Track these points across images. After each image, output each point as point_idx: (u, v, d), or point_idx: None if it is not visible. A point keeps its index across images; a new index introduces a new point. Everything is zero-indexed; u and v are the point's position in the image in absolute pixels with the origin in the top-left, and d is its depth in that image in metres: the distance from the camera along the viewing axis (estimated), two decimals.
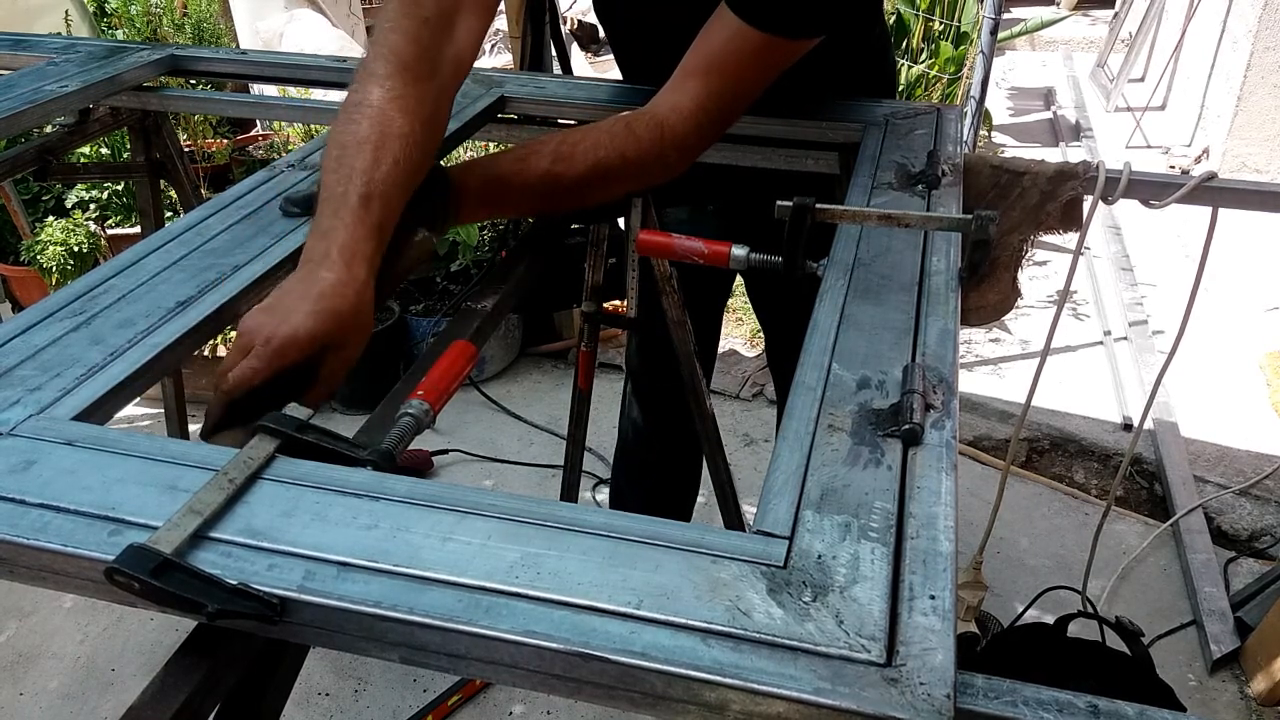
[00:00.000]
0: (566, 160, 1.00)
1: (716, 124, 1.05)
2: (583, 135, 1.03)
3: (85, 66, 1.47)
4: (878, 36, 1.42)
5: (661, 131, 1.02)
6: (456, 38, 0.96)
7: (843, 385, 0.73)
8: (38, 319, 0.80)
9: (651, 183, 1.09)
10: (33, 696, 2.01)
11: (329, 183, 0.83)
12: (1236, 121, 4.06)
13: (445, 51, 0.95)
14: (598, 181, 1.02)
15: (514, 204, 1.03)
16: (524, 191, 1.01)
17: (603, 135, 1.02)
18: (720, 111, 1.04)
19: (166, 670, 0.60)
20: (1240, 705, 1.92)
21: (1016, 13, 5.52)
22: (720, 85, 1.02)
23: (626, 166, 1.02)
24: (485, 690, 1.98)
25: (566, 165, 1.00)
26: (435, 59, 0.94)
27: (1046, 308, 3.32)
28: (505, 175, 1.00)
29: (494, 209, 1.03)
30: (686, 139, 1.03)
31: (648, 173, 1.05)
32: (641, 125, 1.02)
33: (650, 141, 1.02)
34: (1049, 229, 1.21)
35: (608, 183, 1.04)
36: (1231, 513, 2.38)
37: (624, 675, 0.51)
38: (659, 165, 1.04)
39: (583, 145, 1.01)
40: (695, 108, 1.02)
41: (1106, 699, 0.55)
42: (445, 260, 3.07)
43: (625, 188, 1.08)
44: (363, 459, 0.67)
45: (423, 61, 0.92)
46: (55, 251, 2.73)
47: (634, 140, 1.02)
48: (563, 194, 1.02)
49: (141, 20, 3.10)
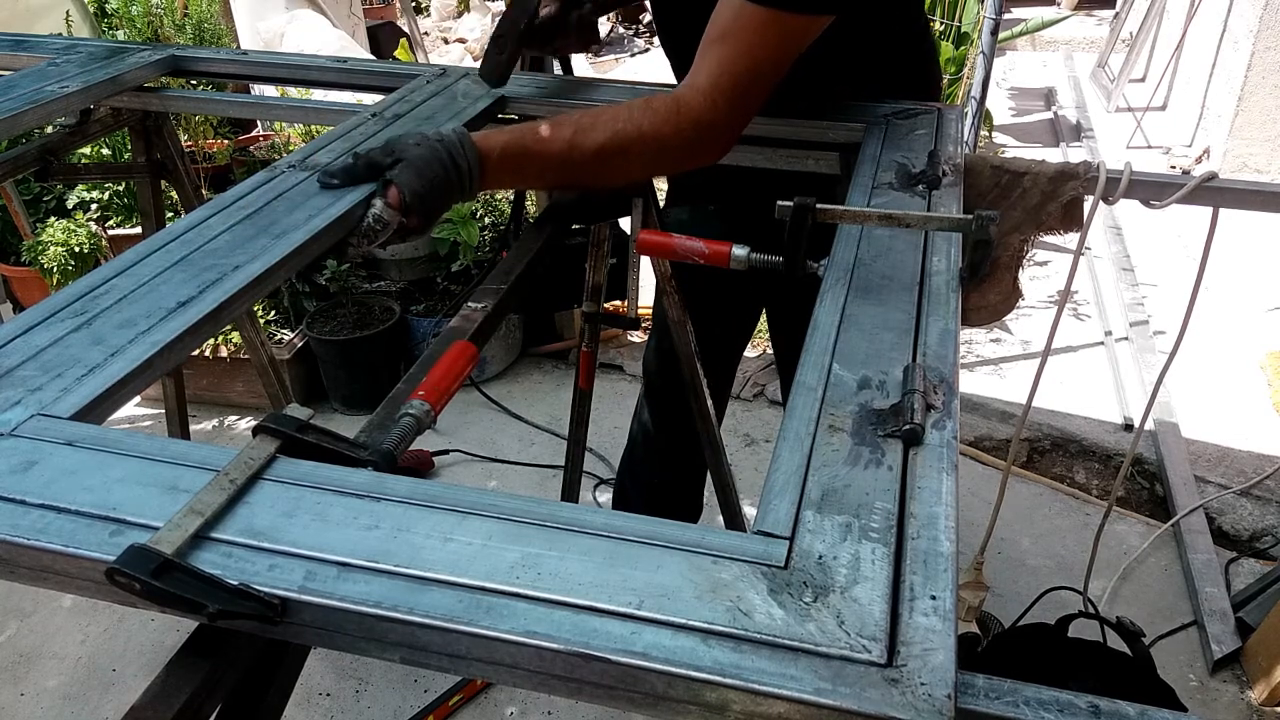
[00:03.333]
0: (587, 132, 1.04)
1: (731, 101, 1.05)
2: (605, 109, 1.06)
3: (86, 67, 1.47)
4: (917, 36, 1.41)
5: (678, 107, 1.04)
6: None
7: (843, 385, 0.73)
8: (39, 319, 0.80)
9: (675, 162, 1.10)
10: (33, 696, 2.01)
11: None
12: (1237, 121, 4.06)
13: None
14: (616, 155, 1.05)
15: (536, 172, 1.07)
16: (545, 160, 1.04)
17: (623, 110, 1.05)
18: (734, 88, 1.04)
19: (168, 670, 0.60)
20: (1241, 706, 1.92)
21: (1017, 13, 5.52)
22: (729, 61, 1.03)
23: (644, 141, 1.04)
24: (486, 690, 1.98)
25: (586, 136, 1.04)
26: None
27: (1047, 308, 3.32)
28: (528, 143, 1.04)
29: (516, 175, 1.07)
30: (702, 115, 1.04)
31: (666, 150, 1.06)
32: (659, 101, 1.05)
33: (666, 116, 1.04)
34: (1050, 229, 1.21)
35: (626, 158, 1.06)
36: (1232, 513, 2.38)
37: (625, 676, 0.51)
38: (677, 141, 1.05)
39: (604, 118, 1.05)
40: (709, 84, 1.04)
41: (1107, 699, 0.55)
42: (446, 260, 3.07)
43: (645, 165, 1.10)
44: (363, 459, 0.67)
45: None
46: (56, 252, 2.73)
47: (651, 114, 1.04)
48: (582, 165, 1.05)
49: (142, 21, 3.10)
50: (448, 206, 1.04)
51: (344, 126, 1.21)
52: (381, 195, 1.00)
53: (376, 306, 2.97)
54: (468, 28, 6.35)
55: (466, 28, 6.36)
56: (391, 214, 1.00)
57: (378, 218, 1.00)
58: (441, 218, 1.08)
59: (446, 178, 0.99)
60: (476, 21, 6.34)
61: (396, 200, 0.99)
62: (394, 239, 1.03)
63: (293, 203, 1.00)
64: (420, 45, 5.00)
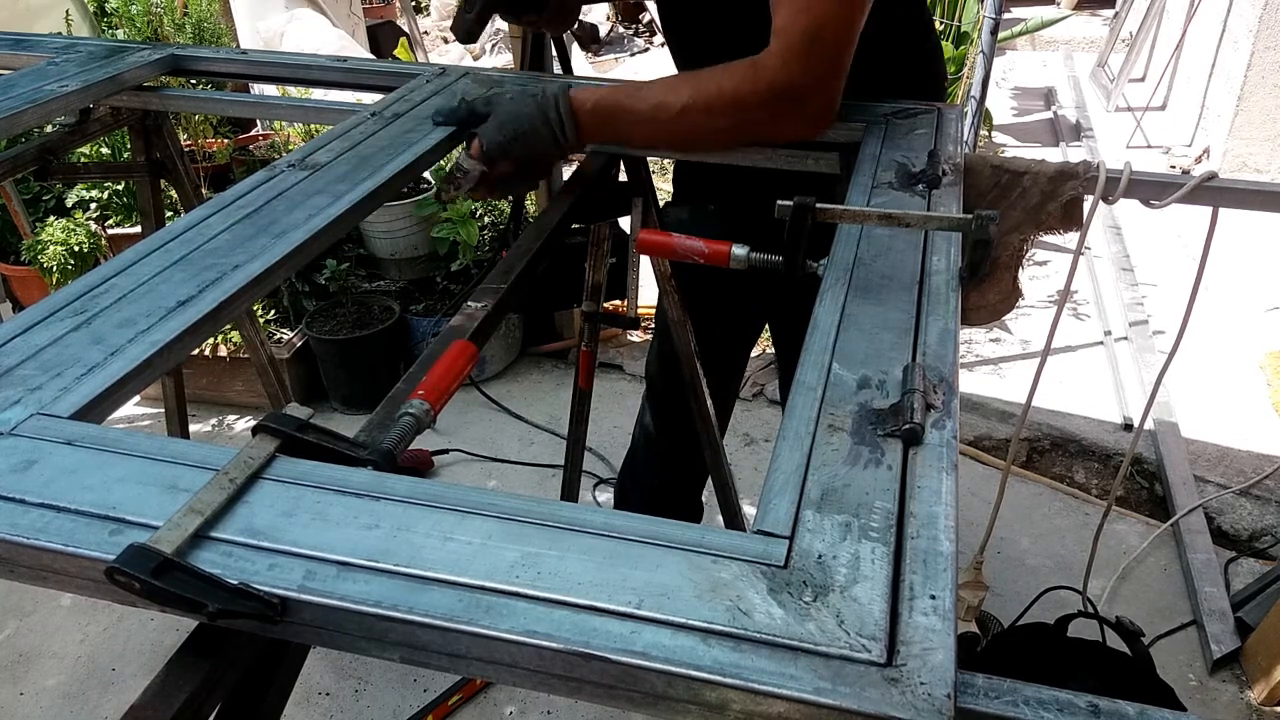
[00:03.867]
0: (674, 90, 1.08)
1: (806, 60, 1.05)
2: (699, 72, 1.08)
3: (86, 66, 1.47)
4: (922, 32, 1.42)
5: (755, 67, 1.06)
6: None
7: (843, 385, 0.73)
8: (38, 319, 0.80)
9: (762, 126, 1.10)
10: (33, 696, 2.01)
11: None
12: (1237, 121, 4.06)
13: None
14: (699, 114, 1.07)
15: (626, 128, 1.11)
16: (635, 116, 1.09)
17: (707, 71, 1.08)
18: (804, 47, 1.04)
19: (167, 670, 0.60)
20: (1240, 705, 1.92)
21: (1017, 12, 5.52)
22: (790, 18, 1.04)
23: (724, 99, 1.06)
24: (485, 690, 1.99)
25: (672, 94, 1.08)
26: None
27: (1047, 308, 3.32)
28: (619, 99, 1.10)
29: (610, 130, 1.11)
30: (777, 77, 1.05)
31: (748, 111, 1.07)
32: (738, 63, 1.07)
33: (744, 76, 1.06)
34: (1049, 229, 1.21)
35: (709, 116, 1.07)
36: (1232, 513, 2.38)
37: (624, 675, 0.51)
38: (756, 102, 1.06)
39: (692, 79, 1.08)
40: (779, 45, 1.05)
41: (1107, 699, 0.55)
42: (445, 260, 3.07)
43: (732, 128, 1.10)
44: (363, 459, 0.67)
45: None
46: (56, 251, 2.73)
47: (729, 75, 1.06)
48: (668, 125, 1.09)
49: (142, 20, 3.09)
50: (539, 156, 1.11)
51: (344, 126, 1.21)
52: (466, 146, 1.11)
53: (376, 306, 2.97)
54: None
55: None
56: (472, 164, 1.10)
57: (459, 166, 1.10)
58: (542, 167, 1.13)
59: (533, 129, 1.08)
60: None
61: (477, 151, 1.09)
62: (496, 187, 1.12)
63: (292, 202, 1.00)
64: (420, 44, 5.00)
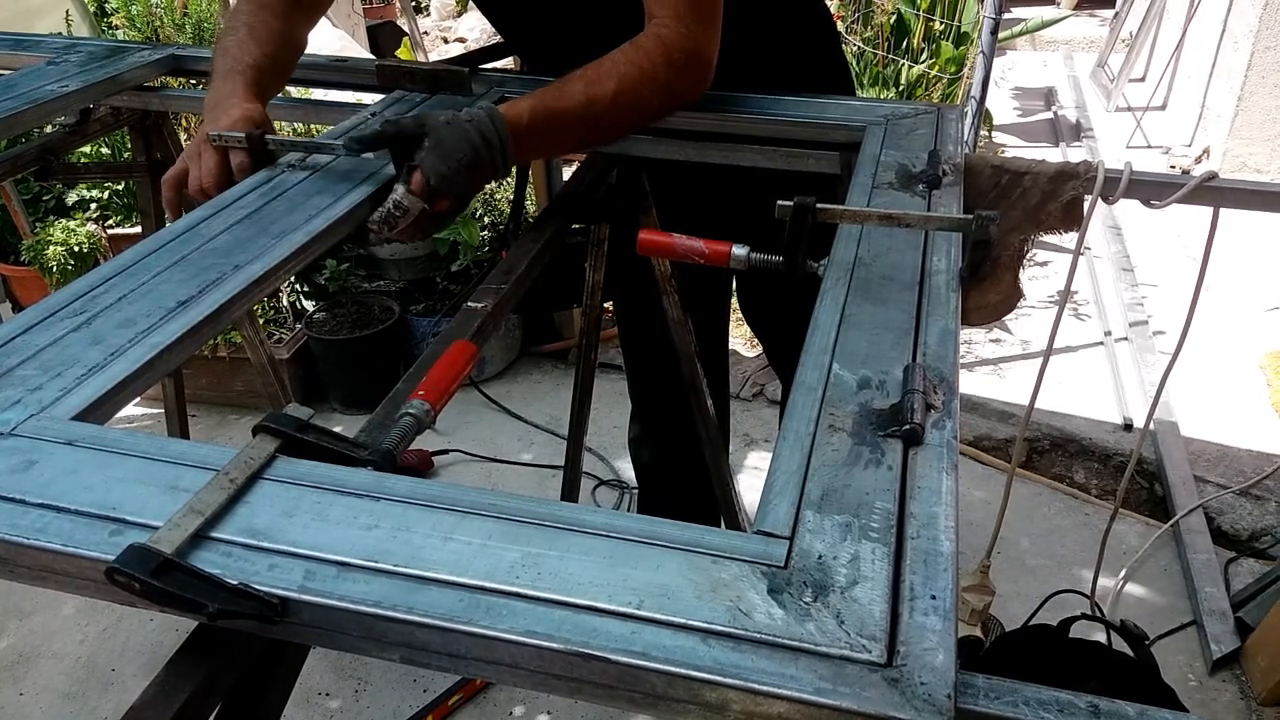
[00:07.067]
0: (596, 83, 1.07)
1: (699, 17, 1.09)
2: (604, 60, 1.08)
3: (86, 66, 1.47)
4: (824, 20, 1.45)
5: (660, 38, 1.08)
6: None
7: (843, 385, 0.73)
8: (38, 319, 0.80)
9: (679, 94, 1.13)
10: (33, 696, 2.01)
11: (219, 67, 1.16)
12: (1237, 121, 4.06)
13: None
14: (628, 100, 1.07)
15: (561, 133, 1.09)
16: (568, 119, 1.07)
17: (619, 55, 1.08)
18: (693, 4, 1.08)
19: (167, 670, 0.60)
20: (1240, 705, 1.92)
21: (1017, 12, 5.52)
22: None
23: (646, 80, 1.07)
24: (485, 690, 1.98)
25: (598, 87, 1.06)
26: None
27: (1047, 308, 3.32)
28: (549, 103, 1.06)
29: (546, 140, 1.08)
30: (682, 40, 1.08)
31: (669, 84, 1.10)
32: (644, 38, 1.09)
33: (654, 49, 1.07)
34: (1050, 229, 1.20)
35: (638, 99, 1.08)
36: (1232, 513, 2.38)
37: (624, 675, 0.51)
38: (672, 73, 1.08)
39: (606, 67, 1.07)
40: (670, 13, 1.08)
41: (1107, 699, 0.54)
42: (446, 260, 3.07)
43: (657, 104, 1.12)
44: (363, 459, 0.67)
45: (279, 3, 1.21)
46: (56, 251, 2.73)
47: (643, 52, 1.08)
48: (601, 118, 1.08)
49: (142, 20, 3.09)
50: (480, 185, 1.04)
51: (343, 126, 1.21)
52: (404, 180, 0.98)
53: (376, 306, 2.97)
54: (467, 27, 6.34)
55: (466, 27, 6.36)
56: (413, 200, 0.97)
57: (398, 204, 0.97)
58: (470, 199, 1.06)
59: (476, 157, 0.98)
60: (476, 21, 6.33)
61: (420, 186, 0.97)
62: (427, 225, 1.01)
63: (293, 203, 1.00)
64: (420, 45, 5.00)
